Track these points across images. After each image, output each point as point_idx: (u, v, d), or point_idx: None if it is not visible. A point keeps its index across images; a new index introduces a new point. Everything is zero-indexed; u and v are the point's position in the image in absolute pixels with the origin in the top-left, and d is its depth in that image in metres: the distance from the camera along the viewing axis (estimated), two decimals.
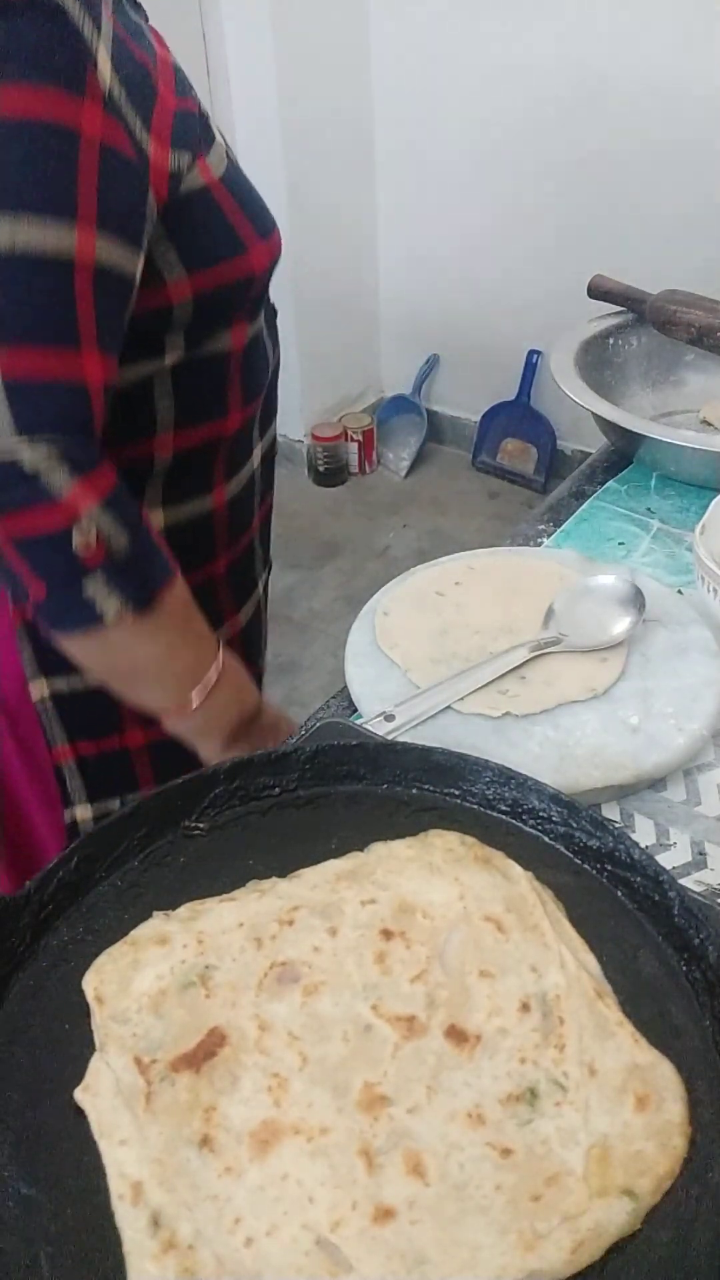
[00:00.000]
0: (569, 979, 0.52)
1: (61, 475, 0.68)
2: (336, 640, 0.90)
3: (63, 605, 0.72)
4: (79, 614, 0.72)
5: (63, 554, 0.70)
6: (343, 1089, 0.48)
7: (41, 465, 0.67)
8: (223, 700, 0.82)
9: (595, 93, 2.37)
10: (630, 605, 0.80)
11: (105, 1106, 0.48)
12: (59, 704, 0.92)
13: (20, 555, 0.70)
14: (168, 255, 0.76)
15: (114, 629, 0.73)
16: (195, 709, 0.80)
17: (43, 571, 0.71)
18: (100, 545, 0.71)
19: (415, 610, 0.85)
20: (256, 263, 0.83)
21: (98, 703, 0.90)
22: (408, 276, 3.00)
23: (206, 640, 0.81)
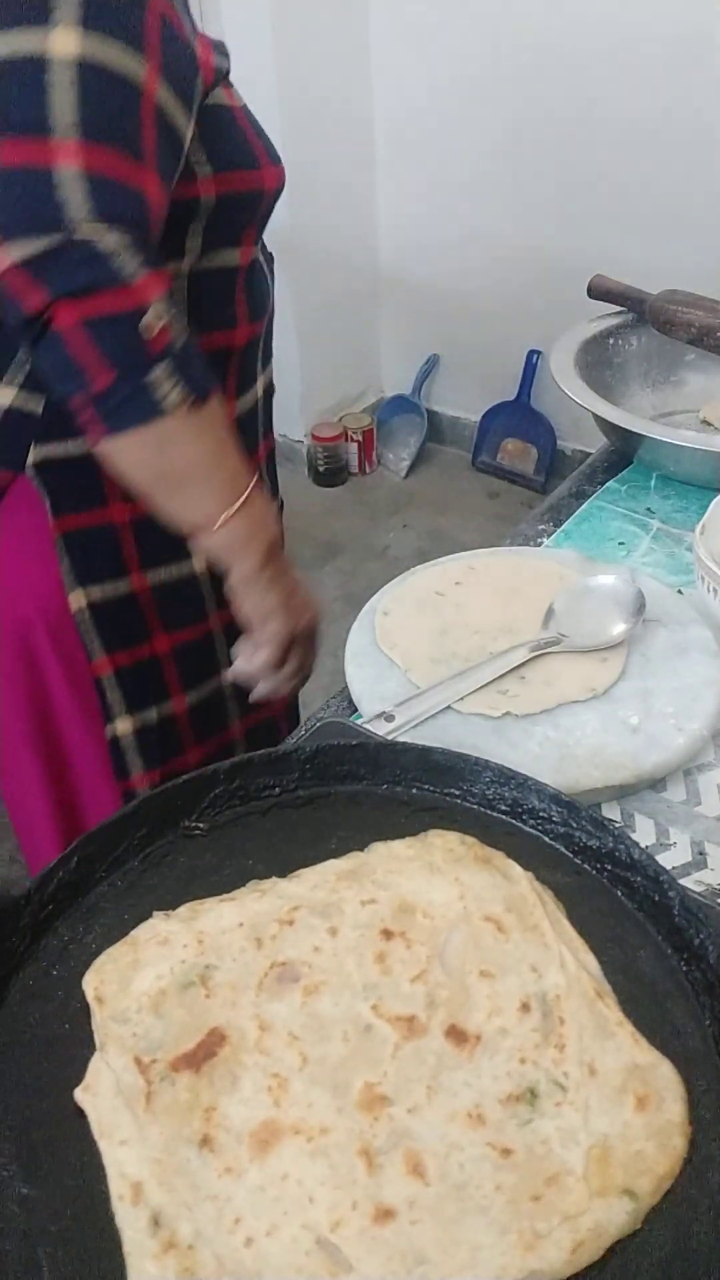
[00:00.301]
0: (569, 979, 0.52)
1: (134, 262, 0.73)
2: (336, 640, 0.90)
3: (129, 393, 0.75)
4: (143, 402, 0.76)
5: (133, 337, 0.74)
6: (343, 1089, 0.48)
7: (116, 249, 0.72)
8: (259, 513, 0.86)
9: (597, 92, 2.37)
10: (630, 605, 0.80)
11: (105, 1106, 0.48)
12: (95, 614, 0.98)
13: (92, 340, 0.73)
14: (199, 154, 0.85)
15: (173, 421, 0.77)
16: (235, 518, 0.83)
17: (114, 356, 0.74)
18: (165, 333, 0.75)
19: (415, 610, 0.85)
20: (267, 181, 0.92)
21: (130, 610, 0.99)
22: (408, 276, 3.00)
23: (242, 454, 0.85)
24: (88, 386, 0.75)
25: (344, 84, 2.65)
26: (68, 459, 0.90)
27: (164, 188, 0.78)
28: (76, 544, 0.95)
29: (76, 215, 0.71)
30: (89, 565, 0.96)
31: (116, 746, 1.06)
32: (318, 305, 2.85)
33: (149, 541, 0.97)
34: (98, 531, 0.96)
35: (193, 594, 1.05)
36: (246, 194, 0.91)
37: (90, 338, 0.73)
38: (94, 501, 0.94)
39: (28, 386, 0.88)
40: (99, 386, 0.75)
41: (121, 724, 1.05)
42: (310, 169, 2.61)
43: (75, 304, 0.72)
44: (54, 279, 0.72)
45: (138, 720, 1.05)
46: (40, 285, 0.72)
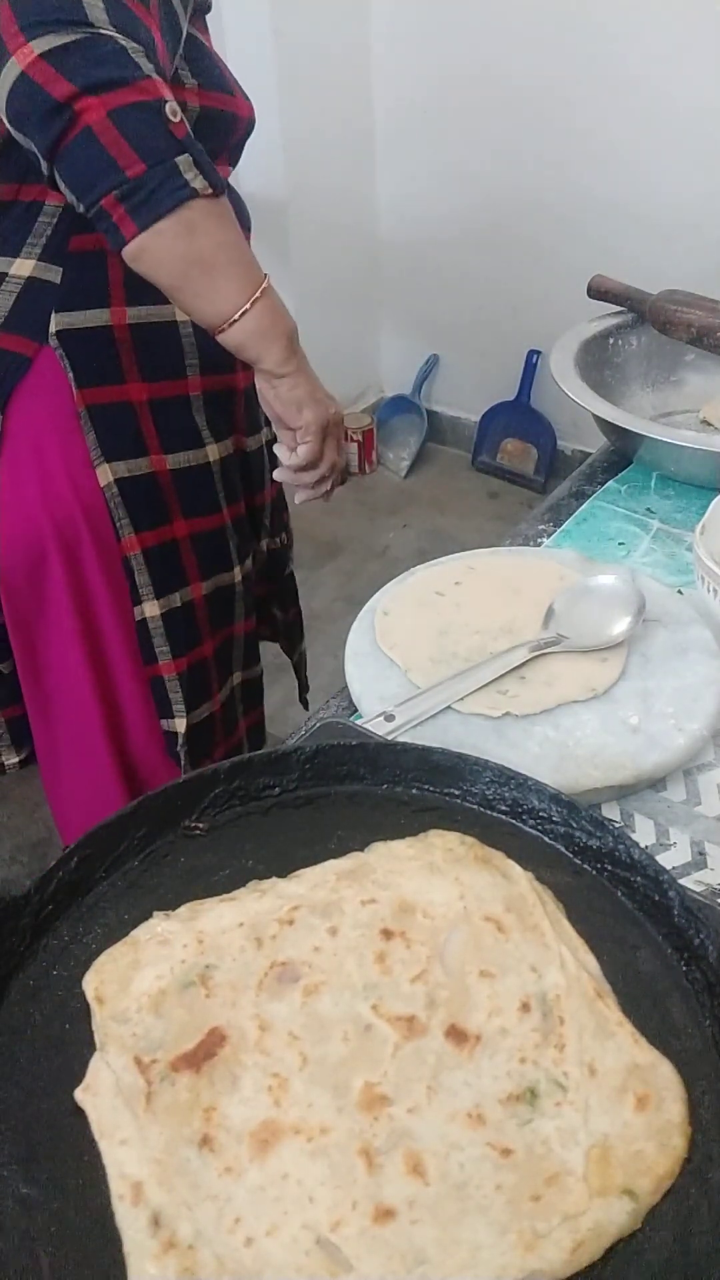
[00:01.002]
0: (569, 979, 0.52)
1: (148, 64, 0.80)
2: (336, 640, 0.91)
3: (160, 180, 0.80)
4: (173, 188, 0.80)
5: (159, 126, 0.79)
6: (343, 1089, 0.48)
7: (133, 49, 0.78)
8: (277, 302, 0.92)
9: (597, 92, 2.37)
10: (630, 605, 0.80)
11: (105, 1106, 0.48)
12: (123, 489, 1.03)
13: (121, 131, 0.78)
14: (185, 68, 0.93)
15: (200, 206, 0.82)
16: (259, 304, 0.89)
17: (143, 145, 0.79)
18: (183, 124, 0.81)
19: (415, 610, 0.85)
20: (241, 109, 1.01)
21: (153, 490, 1.05)
22: (408, 276, 3.00)
23: (252, 254, 0.91)
24: (120, 178, 0.79)
25: (344, 83, 2.65)
26: (86, 329, 0.96)
27: (165, 48, 0.85)
28: (100, 418, 1.00)
29: (98, 19, 0.77)
30: (113, 440, 1.01)
31: (144, 630, 1.11)
32: (317, 305, 2.85)
33: (165, 424, 1.04)
34: (118, 408, 1.01)
35: (207, 482, 1.11)
36: (225, 114, 0.98)
37: (120, 129, 0.78)
38: (113, 377, 1.00)
39: (45, 257, 0.94)
40: (131, 175, 0.79)
41: (150, 607, 1.10)
42: (310, 168, 2.62)
43: (102, 98, 0.77)
44: (80, 70, 0.76)
45: (164, 604, 1.11)
46: (66, 75, 0.76)
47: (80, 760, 1.21)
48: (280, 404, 0.98)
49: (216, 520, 1.15)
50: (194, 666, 1.18)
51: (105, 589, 1.09)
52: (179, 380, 1.06)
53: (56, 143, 0.79)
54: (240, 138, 1.03)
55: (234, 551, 1.19)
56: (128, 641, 1.12)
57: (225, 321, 0.89)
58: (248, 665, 1.33)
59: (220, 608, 1.20)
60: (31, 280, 0.95)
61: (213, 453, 1.11)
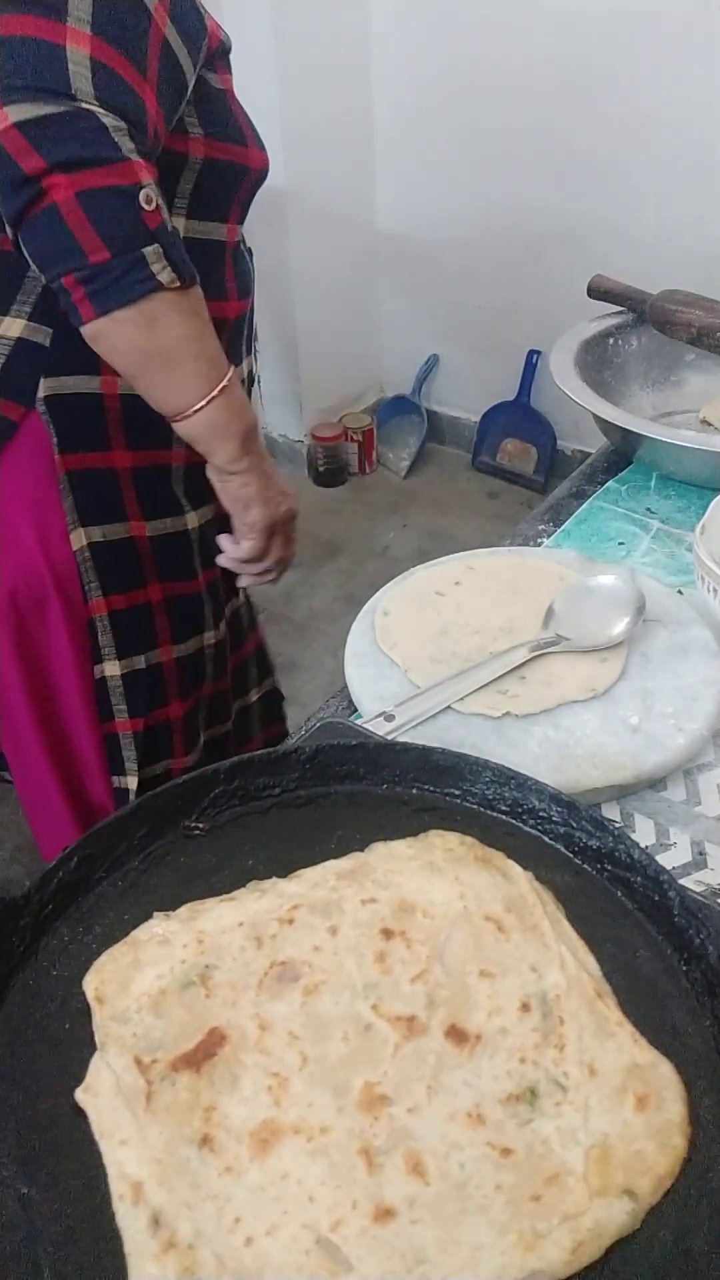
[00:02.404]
0: (569, 979, 0.52)
1: (129, 144, 0.76)
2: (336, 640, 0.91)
3: (123, 269, 0.78)
4: (137, 278, 0.78)
5: (129, 214, 0.76)
6: (343, 1088, 0.48)
7: (115, 128, 0.75)
8: (238, 399, 0.90)
9: (596, 92, 2.37)
10: (630, 605, 0.80)
11: (106, 1106, 0.48)
12: (96, 554, 1.02)
13: (88, 215, 0.75)
14: (192, 116, 0.89)
15: (164, 299, 0.80)
16: (217, 400, 0.88)
17: (109, 232, 0.76)
18: (157, 213, 0.78)
19: (415, 610, 0.85)
20: (253, 160, 0.97)
21: (128, 555, 1.04)
22: (408, 276, 3.00)
23: (219, 348, 0.89)
24: (82, 263, 0.77)
25: (343, 84, 2.65)
26: (75, 395, 0.94)
27: (161, 113, 0.81)
28: (80, 483, 0.99)
29: (82, 91, 0.73)
30: (91, 506, 1.00)
31: (103, 687, 1.11)
32: (318, 305, 2.85)
33: (147, 492, 1.03)
34: (100, 474, 1.00)
35: (185, 548, 1.11)
36: (233, 166, 0.95)
37: (86, 212, 0.75)
38: (98, 444, 0.98)
39: (35, 317, 0.91)
40: (94, 261, 0.76)
41: (110, 666, 1.10)
42: (310, 169, 2.62)
43: (72, 176, 0.74)
44: (53, 146, 0.73)
45: (126, 664, 1.10)
46: (39, 149, 0.73)
47: (41, 802, 1.21)
48: (228, 499, 0.98)
49: (193, 585, 1.14)
50: (156, 728, 1.18)
51: (69, 647, 1.08)
52: (164, 451, 1.04)
53: (21, 214, 0.76)
54: (249, 191, 1.01)
55: (209, 615, 1.19)
56: (87, 699, 1.12)
57: (179, 414, 0.88)
58: (215, 724, 1.31)
59: (191, 671, 1.19)
60: (21, 341, 0.92)
61: (192, 520, 1.10)
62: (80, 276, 0.77)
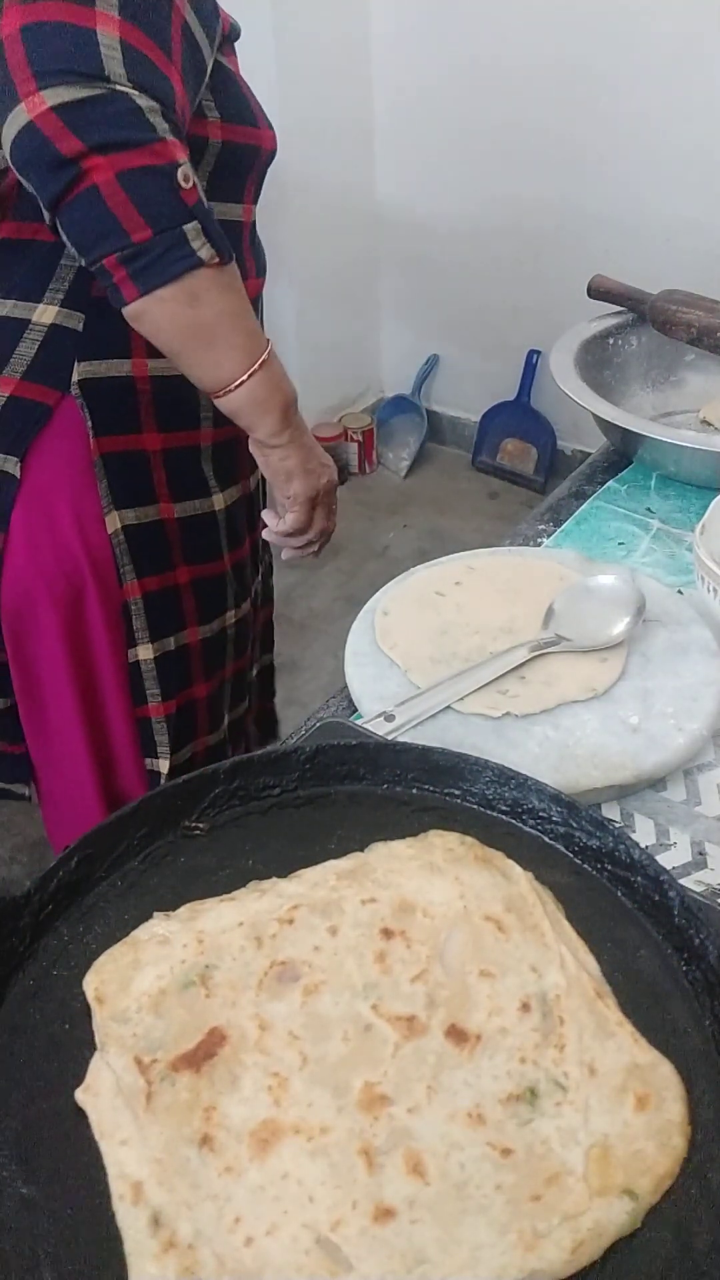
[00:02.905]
0: (569, 979, 0.52)
1: (164, 124, 0.77)
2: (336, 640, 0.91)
3: (165, 248, 0.78)
4: (177, 256, 0.79)
5: (168, 192, 0.77)
6: (343, 1088, 0.48)
7: (149, 108, 0.75)
8: (277, 372, 0.91)
9: (596, 91, 2.37)
10: (630, 605, 0.80)
11: (106, 1106, 0.48)
12: (130, 537, 1.03)
13: (129, 195, 0.76)
14: (209, 100, 0.90)
15: (205, 275, 0.81)
16: (257, 374, 0.89)
17: (150, 211, 0.77)
18: (195, 190, 0.79)
19: (415, 610, 0.85)
20: (264, 140, 0.98)
21: (159, 537, 1.05)
22: (408, 276, 3.00)
23: (257, 323, 0.90)
24: (125, 242, 0.77)
25: (344, 84, 2.65)
26: (108, 379, 0.95)
27: (186, 96, 0.82)
28: (114, 466, 0.99)
29: (115, 73, 0.74)
30: (124, 489, 1.01)
31: (137, 672, 1.12)
32: (317, 305, 2.85)
33: (177, 473, 1.04)
34: (132, 457, 1.01)
35: (212, 530, 1.12)
36: (247, 147, 0.96)
37: (128, 192, 0.76)
38: (130, 427, 0.99)
39: (68, 303, 0.93)
40: (136, 240, 0.77)
41: (144, 650, 1.10)
42: (310, 168, 2.62)
43: (111, 158, 0.75)
44: (91, 128, 0.74)
45: (158, 647, 1.11)
46: (76, 132, 0.74)
47: (71, 794, 1.22)
48: (270, 472, 0.99)
49: (218, 567, 1.16)
50: (183, 708, 1.19)
51: (105, 632, 1.09)
52: (193, 431, 1.06)
53: (60, 197, 0.77)
54: (262, 171, 1.02)
55: (231, 596, 1.20)
56: (122, 683, 1.13)
57: (222, 389, 0.89)
58: (234, 706, 1.33)
59: (215, 651, 1.21)
60: (55, 328, 0.93)
61: (219, 501, 1.12)
62: (122, 256, 0.78)
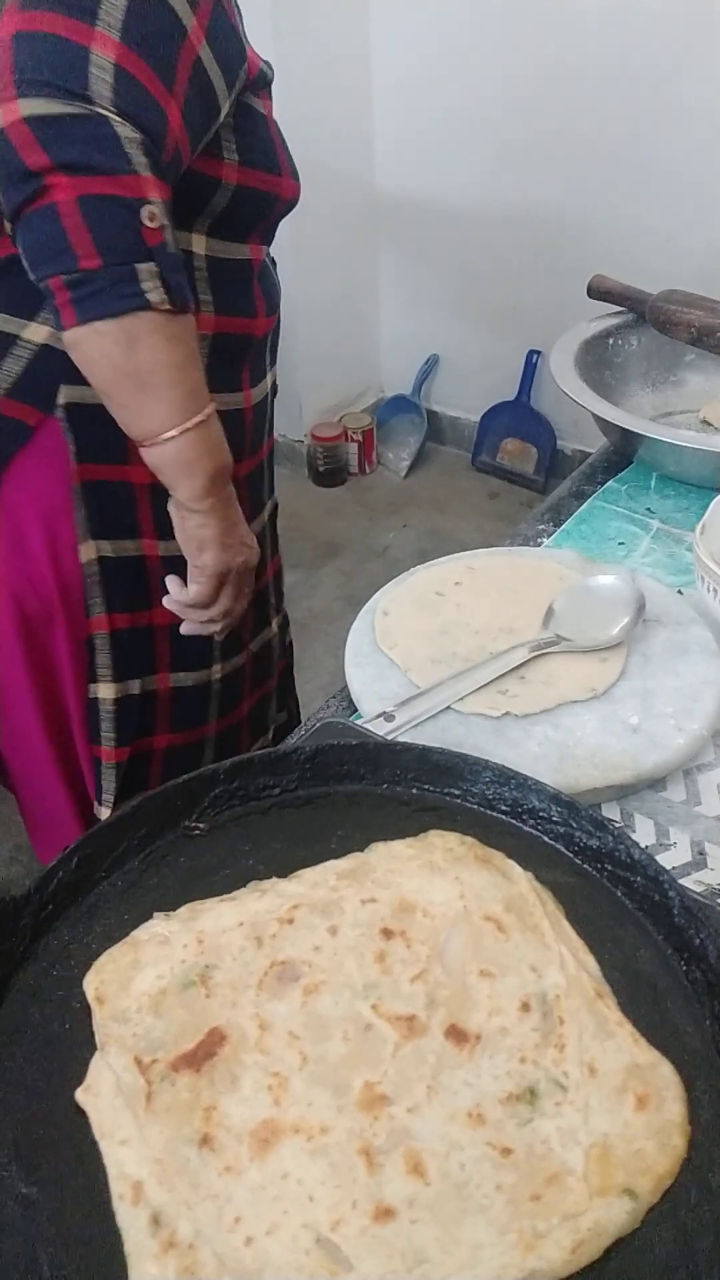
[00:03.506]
0: (569, 979, 0.52)
1: (141, 158, 0.74)
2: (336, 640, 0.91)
3: (113, 281, 0.76)
4: (125, 293, 0.76)
5: (128, 227, 0.75)
6: (343, 1088, 0.48)
7: (129, 138, 0.73)
8: (213, 438, 0.87)
9: (597, 91, 2.37)
10: (630, 605, 0.80)
11: (106, 1106, 0.48)
12: (105, 568, 1.00)
13: (87, 221, 0.73)
14: (229, 141, 0.88)
15: (149, 319, 0.77)
16: (189, 434, 0.84)
17: (105, 242, 0.74)
18: (160, 233, 0.76)
19: (415, 610, 0.85)
20: (284, 190, 0.96)
21: (137, 573, 1.01)
22: (408, 276, 3.00)
23: (202, 381, 0.86)
24: (72, 266, 0.75)
25: (344, 83, 2.65)
26: (96, 405, 0.91)
27: (186, 132, 0.79)
28: (95, 495, 0.96)
29: (101, 95, 0.72)
30: (104, 519, 0.98)
31: (94, 709, 1.07)
32: (317, 305, 2.85)
33: (163, 511, 0.97)
34: (116, 488, 0.97)
35: None
36: (263, 194, 0.94)
37: (85, 216, 0.73)
38: (116, 457, 0.96)
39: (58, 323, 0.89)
40: (83, 267, 0.75)
41: (104, 688, 1.06)
42: (309, 168, 2.61)
43: (75, 179, 0.72)
44: (60, 145, 0.72)
45: (121, 689, 1.07)
46: (45, 146, 0.72)
47: (43, 815, 1.21)
48: (183, 538, 0.93)
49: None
50: (136, 758, 1.14)
51: (70, 664, 1.06)
52: None
53: (21, 208, 0.75)
54: (277, 218, 0.99)
55: (217, 648, 1.14)
56: (84, 719, 1.10)
57: (148, 439, 0.85)
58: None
59: (191, 704, 1.15)
60: (44, 347, 0.91)
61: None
62: (68, 280, 0.76)
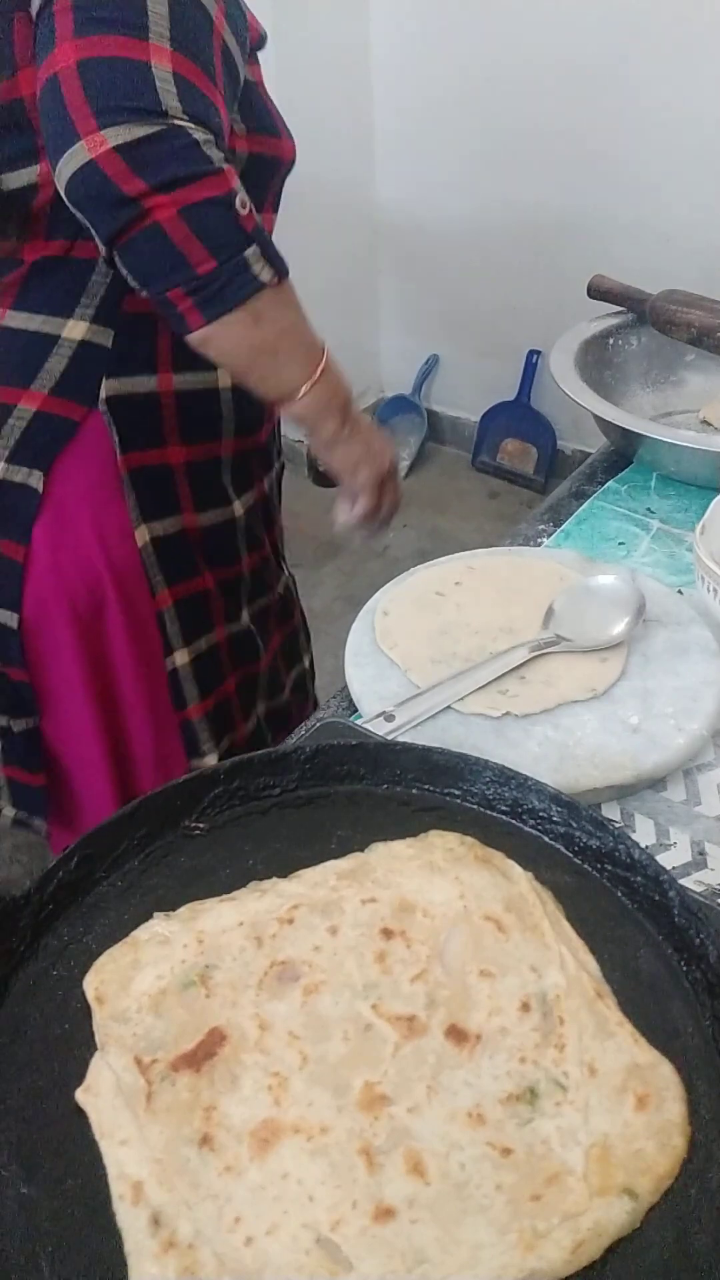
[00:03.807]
0: (569, 979, 0.52)
1: (217, 154, 0.79)
2: (336, 640, 0.91)
3: (229, 275, 0.81)
4: (242, 282, 0.82)
5: (229, 220, 0.79)
6: (343, 1088, 0.48)
7: (204, 140, 0.77)
8: (336, 376, 0.95)
9: (597, 90, 2.37)
10: (630, 605, 0.80)
11: (106, 1106, 0.48)
12: (158, 549, 1.06)
13: (194, 230, 0.78)
14: (235, 112, 0.91)
15: (266, 296, 0.83)
16: (319, 382, 0.92)
17: (214, 241, 0.79)
18: (251, 216, 0.81)
19: (415, 610, 0.85)
20: (285, 150, 1.01)
21: (182, 547, 1.08)
22: (408, 276, 3.00)
23: (313, 329, 0.93)
24: (190, 275, 0.80)
25: (344, 83, 2.65)
26: (134, 395, 0.97)
27: (228, 114, 0.84)
28: (141, 481, 1.02)
29: (172, 107, 0.76)
30: (151, 502, 1.03)
31: (175, 678, 1.14)
32: (317, 305, 2.84)
33: (200, 485, 1.07)
34: (157, 471, 1.03)
35: (230, 536, 1.15)
36: (270, 158, 0.98)
37: (190, 227, 0.78)
38: (154, 441, 1.01)
39: (99, 320, 0.94)
40: (202, 272, 0.80)
41: (180, 655, 1.13)
42: (309, 168, 2.61)
43: (173, 195, 0.76)
44: (154, 168, 0.75)
45: (192, 651, 1.14)
46: (139, 172, 0.75)
47: (84, 804, 1.22)
48: (338, 467, 1.01)
49: (236, 570, 1.19)
50: (220, 704, 1.22)
51: (128, 645, 1.11)
52: (214, 443, 1.08)
53: (120, 233, 0.78)
54: (282, 180, 1.04)
55: (245, 594, 1.23)
56: (148, 693, 1.15)
57: (288, 398, 0.92)
58: (272, 696, 1.35)
59: (241, 646, 1.23)
60: (84, 344, 0.95)
61: (237, 508, 1.14)
62: (189, 288, 0.80)
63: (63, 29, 0.75)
